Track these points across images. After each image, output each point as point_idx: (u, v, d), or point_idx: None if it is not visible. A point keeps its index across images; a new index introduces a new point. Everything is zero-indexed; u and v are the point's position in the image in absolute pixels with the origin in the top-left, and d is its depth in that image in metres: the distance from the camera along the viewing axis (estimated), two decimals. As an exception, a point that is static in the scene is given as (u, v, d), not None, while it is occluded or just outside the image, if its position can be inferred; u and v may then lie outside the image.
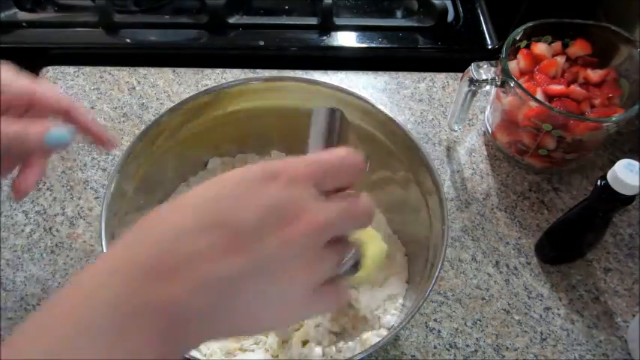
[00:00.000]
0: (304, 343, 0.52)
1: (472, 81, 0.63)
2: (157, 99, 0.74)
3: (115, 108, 0.72)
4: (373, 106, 0.54)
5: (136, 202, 0.52)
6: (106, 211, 0.46)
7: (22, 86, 0.41)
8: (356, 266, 0.31)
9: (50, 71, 0.75)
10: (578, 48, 0.67)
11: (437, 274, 0.44)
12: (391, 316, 0.53)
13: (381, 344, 0.44)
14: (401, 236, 0.60)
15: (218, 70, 0.77)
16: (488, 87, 0.64)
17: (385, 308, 0.54)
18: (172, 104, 0.54)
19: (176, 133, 0.54)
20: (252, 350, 0.52)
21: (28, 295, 0.57)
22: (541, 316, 0.58)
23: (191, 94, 0.55)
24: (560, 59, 0.66)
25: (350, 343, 0.52)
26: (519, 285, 0.60)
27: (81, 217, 0.63)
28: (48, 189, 0.65)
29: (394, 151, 0.55)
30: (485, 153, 0.72)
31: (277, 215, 0.27)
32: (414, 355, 0.55)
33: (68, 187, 0.65)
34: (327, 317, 0.53)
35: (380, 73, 0.79)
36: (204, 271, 0.26)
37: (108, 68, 0.76)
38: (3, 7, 0.81)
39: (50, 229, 0.62)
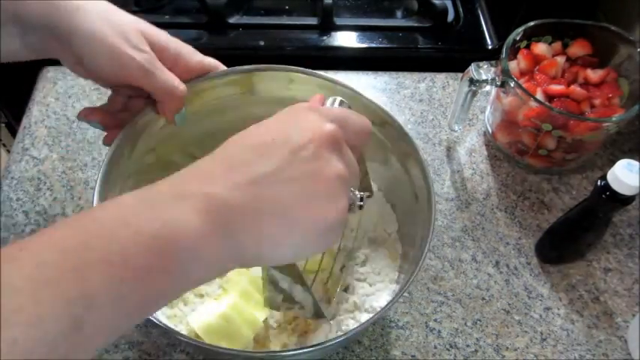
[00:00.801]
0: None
1: (472, 81, 0.63)
2: (157, 99, 0.74)
3: (115, 108, 0.72)
4: (350, 89, 0.54)
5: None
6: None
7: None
8: (360, 207, 0.37)
9: (51, 71, 0.76)
10: (578, 48, 0.67)
11: (426, 249, 0.45)
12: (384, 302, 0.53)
13: (375, 318, 0.43)
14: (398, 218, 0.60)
15: (218, 70, 0.77)
16: (488, 87, 0.64)
17: (378, 297, 0.54)
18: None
19: (156, 133, 0.54)
20: None
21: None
22: (541, 316, 0.58)
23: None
24: (560, 59, 0.66)
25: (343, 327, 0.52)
26: (519, 285, 0.60)
27: (81, 217, 0.63)
28: (48, 189, 0.65)
29: (383, 140, 0.55)
30: (486, 153, 0.72)
31: (318, 147, 0.33)
32: (414, 355, 0.55)
33: (68, 188, 0.65)
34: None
35: (380, 73, 0.79)
36: (240, 174, 0.31)
37: (108, 68, 0.76)
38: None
39: (50, 229, 0.62)
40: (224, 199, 0.30)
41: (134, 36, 0.45)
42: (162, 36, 0.48)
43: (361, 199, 0.38)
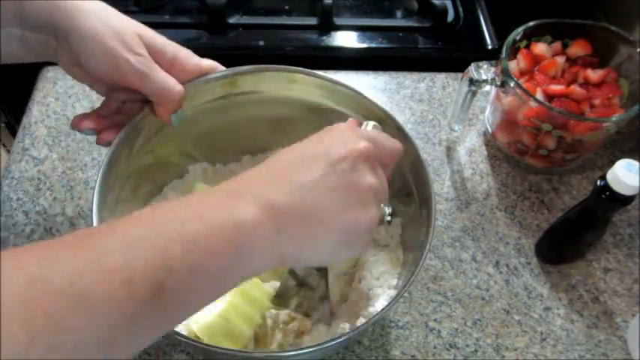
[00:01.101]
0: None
1: (472, 81, 0.63)
2: (157, 99, 0.74)
3: (115, 108, 0.72)
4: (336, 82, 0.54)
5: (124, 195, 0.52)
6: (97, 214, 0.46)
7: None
8: (389, 222, 0.41)
9: (51, 71, 0.76)
10: (578, 48, 0.67)
11: (427, 249, 0.45)
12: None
13: (376, 318, 0.43)
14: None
15: (218, 70, 0.77)
16: (488, 87, 0.64)
17: (375, 302, 0.54)
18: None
19: (154, 136, 0.54)
20: None
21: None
22: (541, 316, 0.58)
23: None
24: (560, 59, 0.66)
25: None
26: (519, 285, 0.60)
27: (81, 217, 0.63)
28: (48, 189, 0.65)
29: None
30: (485, 153, 0.72)
31: (354, 160, 0.38)
32: (414, 355, 0.55)
33: (68, 188, 0.65)
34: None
35: (380, 73, 0.79)
36: (288, 181, 0.36)
37: (108, 68, 0.76)
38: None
39: (50, 229, 0.62)
40: (274, 201, 0.34)
41: (131, 39, 0.46)
42: (160, 39, 0.49)
43: (390, 215, 0.41)
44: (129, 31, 0.46)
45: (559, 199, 0.67)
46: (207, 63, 0.52)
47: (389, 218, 0.41)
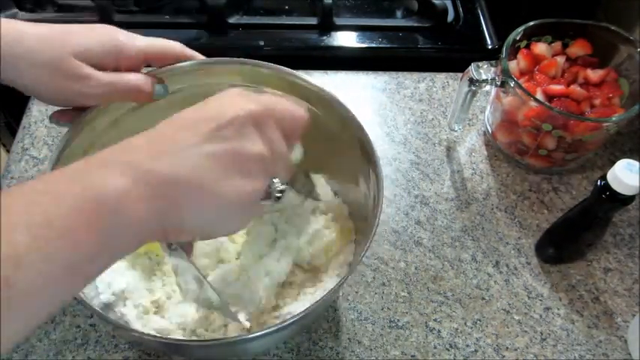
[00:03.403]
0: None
1: (472, 81, 0.63)
2: (157, 99, 0.73)
3: (115, 108, 0.72)
4: (303, 80, 0.54)
5: None
6: None
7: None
8: (277, 198, 0.38)
9: (50, 71, 0.75)
10: (578, 48, 0.67)
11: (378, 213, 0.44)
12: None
13: (336, 286, 0.42)
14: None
15: (218, 70, 0.77)
16: (488, 87, 0.64)
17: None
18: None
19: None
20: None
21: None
22: (541, 316, 0.58)
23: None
24: (560, 59, 0.66)
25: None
26: (519, 285, 0.60)
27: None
28: (48, 189, 0.65)
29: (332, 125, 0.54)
30: (485, 153, 0.72)
31: (240, 125, 0.35)
32: (414, 355, 0.55)
33: (68, 187, 0.65)
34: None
35: (380, 73, 0.79)
36: (163, 145, 0.33)
37: (108, 68, 0.76)
38: (3, 7, 0.81)
39: (50, 229, 0.62)
40: (148, 167, 0.32)
41: (67, 65, 0.44)
42: (96, 47, 0.46)
43: (281, 191, 0.38)
44: (63, 57, 0.44)
45: (559, 199, 0.67)
46: (190, 53, 0.54)
47: (279, 194, 0.37)
